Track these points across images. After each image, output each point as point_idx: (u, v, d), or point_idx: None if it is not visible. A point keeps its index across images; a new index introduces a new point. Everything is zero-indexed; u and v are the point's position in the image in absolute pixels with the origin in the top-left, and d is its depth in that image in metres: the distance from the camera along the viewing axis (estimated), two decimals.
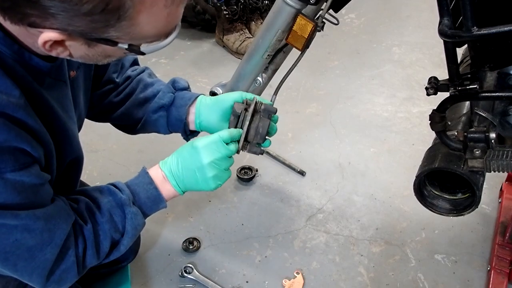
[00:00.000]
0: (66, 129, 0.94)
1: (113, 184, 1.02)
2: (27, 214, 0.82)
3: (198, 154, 0.99)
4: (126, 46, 0.75)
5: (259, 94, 1.47)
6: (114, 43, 0.74)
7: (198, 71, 2.55)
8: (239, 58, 2.60)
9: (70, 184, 1.07)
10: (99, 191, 1.00)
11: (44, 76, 0.86)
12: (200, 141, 1.00)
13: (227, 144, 1.02)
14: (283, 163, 1.91)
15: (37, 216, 0.84)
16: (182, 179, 1.02)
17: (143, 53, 0.78)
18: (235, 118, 1.07)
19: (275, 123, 1.14)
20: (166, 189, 1.03)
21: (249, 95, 1.12)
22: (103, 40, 0.73)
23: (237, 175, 1.82)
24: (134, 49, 0.76)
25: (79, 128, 1.09)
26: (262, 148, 1.10)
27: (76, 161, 1.04)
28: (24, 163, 0.80)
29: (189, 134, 1.20)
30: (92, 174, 1.85)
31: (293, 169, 1.88)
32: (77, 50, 0.77)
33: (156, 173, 1.03)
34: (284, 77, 1.22)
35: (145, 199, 1.01)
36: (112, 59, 0.84)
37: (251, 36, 2.68)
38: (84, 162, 1.08)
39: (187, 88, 1.23)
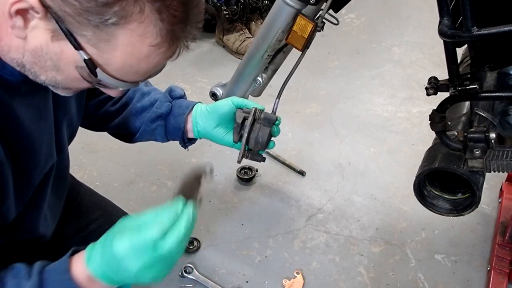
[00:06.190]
0: (32, 141, 0.83)
1: (28, 265, 0.81)
2: None
3: (122, 261, 0.75)
4: (86, 57, 0.67)
5: (259, 94, 1.47)
6: (78, 46, 0.66)
7: (198, 71, 2.54)
8: (239, 58, 2.60)
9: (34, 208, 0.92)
10: (12, 269, 0.80)
11: (19, 85, 0.77)
12: (122, 241, 0.75)
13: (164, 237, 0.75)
14: (283, 163, 1.91)
15: None
16: (115, 280, 0.78)
17: (95, 75, 0.69)
18: (238, 125, 1.08)
19: (278, 125, 1.14)
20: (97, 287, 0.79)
21: (240, 100, 1.12)
22: (72, 37, 0.65)
23: (237, 175, 1.82)
24: (90, 66, 0.68)
25: (72, 135, 1.08)
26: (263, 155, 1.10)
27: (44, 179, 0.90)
28: None
29: (187, 142, 1.21)
30: (92, 174, 1.85)
31: (293, 169, 1.88)
32: (35, 38, 0.67)
33: (80, 271, 0.78)
34: (286, 79, 1.21)
35: None
36: (57, 78, 0.73)
37: (251, 36, 2.68)
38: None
39: (183, 96, 1.23)
